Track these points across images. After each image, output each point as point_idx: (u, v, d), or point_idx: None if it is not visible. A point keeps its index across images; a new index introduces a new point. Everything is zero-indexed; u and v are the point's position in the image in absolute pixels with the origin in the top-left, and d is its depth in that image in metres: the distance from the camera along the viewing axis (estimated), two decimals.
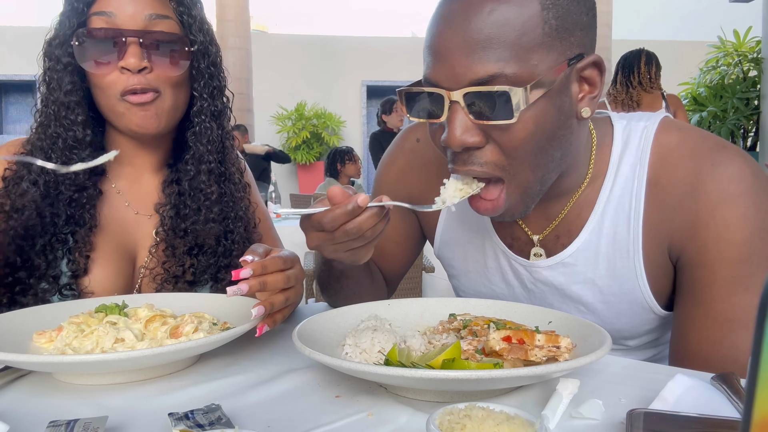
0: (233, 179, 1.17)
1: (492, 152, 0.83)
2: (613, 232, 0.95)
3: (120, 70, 1.02)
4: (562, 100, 0.82)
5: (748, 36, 8.41)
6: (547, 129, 0.82)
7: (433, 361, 0.70)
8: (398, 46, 12.23)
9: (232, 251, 1.14)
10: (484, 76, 0.78)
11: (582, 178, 0.97)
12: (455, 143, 0.81)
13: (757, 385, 0.23)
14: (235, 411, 0.69)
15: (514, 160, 0.83)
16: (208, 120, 1.12)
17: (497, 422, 0.53)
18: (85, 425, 0.59)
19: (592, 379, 0.77)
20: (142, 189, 1.17)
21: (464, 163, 0.85)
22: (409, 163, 1.16)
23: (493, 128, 0.81)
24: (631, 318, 0.98)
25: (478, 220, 1.08)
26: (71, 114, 1.05)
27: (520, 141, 0.81)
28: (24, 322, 0.91)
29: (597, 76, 0.85)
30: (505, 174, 0.85)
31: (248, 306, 0.95)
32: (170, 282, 1.11)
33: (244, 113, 8.31)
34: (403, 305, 0.97)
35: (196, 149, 1.12)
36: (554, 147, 0.85)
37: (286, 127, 11.38)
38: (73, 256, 1.05)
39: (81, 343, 0.82)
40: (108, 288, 1.08)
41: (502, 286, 1.08)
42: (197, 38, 1.09)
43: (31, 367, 0.78)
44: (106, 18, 1.02)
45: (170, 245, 1.12)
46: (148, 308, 0.92)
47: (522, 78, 0.78)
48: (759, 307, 0.23)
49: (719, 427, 0.56)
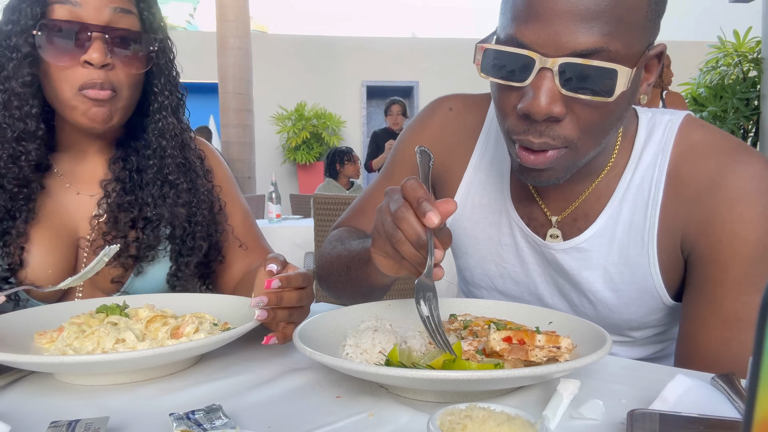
0: (195, 168, 1.19)
1: (569, 126, 0.81)
2: (630, 220, 0.95)
3: (82, 63, 1.01)
4: (636, 85, 0.83)
5: (748, 36, 8.40)
6: (624, 110, 0.83)
7: (434, 362, 0.70)
8: (398, 47, 12.23)
9: (195, 233, 1.16)
10: (589, 47, 0.75)
11: (606, 163, 0.97)
12: (541, 112, 0.78)
13: (758, 385, 0.23)
14: (236, 411, 0.69)
15: (587, 135, 0.82)
16: (169, 115, 1.14)
17: (498, 422, 0.53)
18: (86, 426, 0.59)
19: (593, 379, 0.77)
20: (86, 170, 1.16)
21: (540, 135, 0.82)
22: (441, 131, 1.14)
23: (579, 102, 0.79)
24: (639, 307, 0.98)
25: (497, 196, 1.08)
26: (25, 105, 1.03)
27: (605, 119, 0.80)
28: (25, 322, 0.91)
29: (656, 64, 0.86)
30: (569, 146, 0.83)
31: (245, 306, 0.95)
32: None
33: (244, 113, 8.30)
34: (403, 305, 0.97)
35: (159, 144, 1.13)
36: (617, 127, 0.86)
37: (286, 127, 11.37)
38: (9, 249, 1.04)
39: (82, 344, 0.82)
40: (49, 273, 1.07)
41: (516, 263, 1.07)
42: (158, 35, 1.09)
43: (32, 368, 0.78)
44: (70, 7, 1.00)
45: (112, 217, 1.12)
46: (149, 309, 0.92)
47: (621, 56, 0.76)
48: (760, 307, 0.23)
49: (719, 427, 0.56)
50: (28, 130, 1.04)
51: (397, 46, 12.27)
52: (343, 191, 5.59)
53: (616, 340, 1.04)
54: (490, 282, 1.12)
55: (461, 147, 1.12)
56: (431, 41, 12.60)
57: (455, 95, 1.18)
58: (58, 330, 0.88)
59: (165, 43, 1.13)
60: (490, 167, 1.09)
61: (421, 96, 11.97)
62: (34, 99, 1.04)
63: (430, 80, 11.81)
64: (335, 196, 3.64)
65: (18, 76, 1.02)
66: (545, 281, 1.05)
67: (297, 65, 11.85)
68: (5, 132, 1.04)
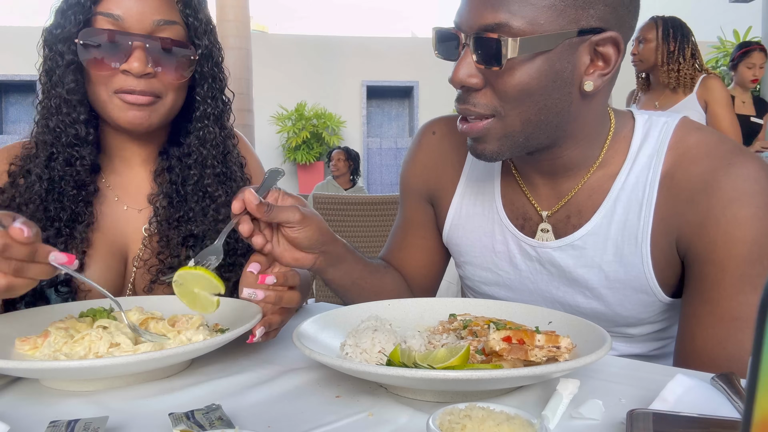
0: (235, 177, 1.17)
1: (487, 95, 0.90)
2: (624, 219, 0.96)
3: (122, 72, 1.01)
4: (562, 65, 0.87)
5: (748, 36, 8.40)
6: (539, 87, 0.87)
7: (434, 361, 0.70)
8: (398, 46, 12.23)
9: (236, 249, 1.13)
10: (491, 23, 0.84)
11: (592, 160, 0.99)
12: (456, 81, 0.90)
13: (757, 385, 0.23)
14: (236, 411, 0.69)
15: (505, 105, 0.89)
16: (211, 124, 1.13)
17: (497, 422, 0.53)
18: (85, 425, 0.59)
19: (592, 379, 0.77)
20: (132, 183, 1.16)
21: (463, 102, 0.92)
22: (429, 156, 1.20)
23: (490, 73, 0.87)
24: (635, 304, 0.99)
25: (488, 204, 1.10)
26: (73, 112, 1.04)
27: (510, 87, 0.87)
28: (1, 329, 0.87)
29: (613, 55, 0.88)
30: (496, 115, 0.90)
31: (239, 307, 0.95)
32: (166, 273, 1.10)
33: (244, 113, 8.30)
34: (403, 305, 0.97)
35: (199, 154, 1.12)
36: (548, 108, 0.89)
37: (286, 127, 11.37)
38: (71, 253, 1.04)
39: (72, 349, 0.80)
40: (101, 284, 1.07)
41: (509, 270, 1.09)
42: (202, 42, 1.09)
43: (26, 375, 0.76)
44: (113, 21, 1.01)
45: (164, 236, 1.11)
46: (139, 311, 0.91)
47: (524, 32, 0.84)
48: (759, 307, 0.23)
49: (719, 427, 0.56)
50: (79, 136, 1.05)
51: (397, 46, 12.27)
52: (341, 191, 5.59)
53: (615, 336, 1.05)
54: (486, 289, 1.15)
55: (450, 165, 1.17)
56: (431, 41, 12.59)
57: (439, 119, 1.24)
58: (43, 335, 0.85)
59: (211, 49, 1.11)
60: (483, 177, 1.13)
61: (421, 96, 11.96)
62: (81, 106, 1.05)
63: (430, 80, 11.80)
64: (335, 196, 3.64)
65: (64, 83, 1.03)
66: (538, 287, 1.07)
67: (297, 65, 11.84)
68: (60, 136, 1.05)
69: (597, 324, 1.01)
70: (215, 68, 1.13)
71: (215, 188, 1.12)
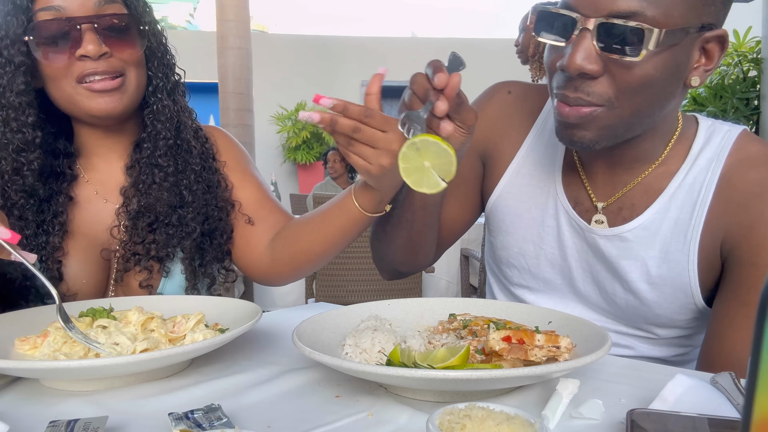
0: (189, 148, 1.17)
1: (604, 84, 0.86)
2: (676, 217, 0.97)
3: (78, 58, 1.00)
4: (681, 59, 0.86)
5: (747, 36, 8.40)
6: (660, 80, 0.85)
7: (434, 360, 0.70)
8: (398, 46, 12.23)
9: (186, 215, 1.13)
10: (625, 10, 0.81)
11: (656, 156, 1.00)
12: (573, 67, 0.84)
13: (757, 385, 0.23)
14: (235, 411, 0.69)
15: (622, 97, 0.86)
16: (164, 98, 1.13)
17: (497, 422, 0.53)
18: (85, 425, 0.59)
19: (592, 379, 0.77)
20: (112, 176, 1.16)
21: (575, 90, 0.87)
22: (499, 113, 1.17)
23: (615, 62, 0.83)
24: (672, 303, 0.99)
25: (547, 178, 1.10)
26: (21, 115, 1.03)
27: (635, 79, 0.84)
28: (2, 327, 0.88)
29: (717, 51, 0.89)
30: (607, 105, 0.87)
31: (239, 307, 0.95)
32: (133, 260, 1.09)
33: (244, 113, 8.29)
34: (403, 305, 0.97)
35: (153, 127, 1.12)
36: (657, 102, 0.89)
37: (286, 127, 11.37)
38: (47, 264, 1.05)
39: (71, 349, 0.80)
40: (84, 283, 1.08)
41: (555, 246, 1.08)
42: (144, 18, 1.09)
43: (27, 374, 0.76)
44: (54, 12, 1.00)
45: (132, 225, 1.11)
46: (138, 311, 0.90)
47: (658, 23, 0.81)
48: (759, 307, 0.23)
49: (719, 427, 0.56)
50: (26, 140, 1.04)
51: (397, 46, 12.27)
52: (339, 190, 5.59)
53: (640, 335, 1.05)
54: (524, 262, 1.13)
55: (515, 129, 1.15)
56: (431, 41, 12.59)
57: (516, 81, 1.21)
58: (42, 335, 0.85)
59: (154, 26, 1.12)
60: (544, 151, 1.11)
61: None
62: (29, 108, 1.03)
63: None
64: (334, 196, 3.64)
65: (12, 87, 1.02)
66: (581, 266, 1.07)
67: (297, 65, 11.85)
68: (6, 146, 1.04)
69: (629, 318, 1.03)
70: (162, 46, 1.14)
71: (165, 160, 1.13)
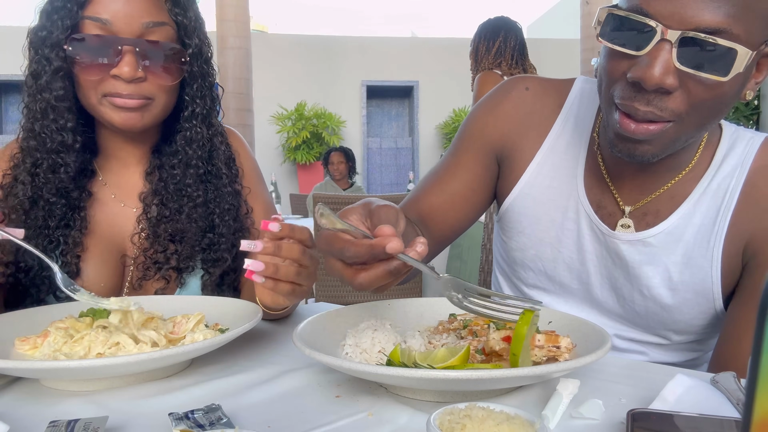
0: (220, 174, 1.17)
1: (678, 101, 0.82)
2: (701, 223, 0.97)
3: (113, 77, 1.00)
4: (748, 74, 0.83)
5: None
6: (733, 97, 0.83)
7: (434, 361, 0.70)
8: (398, 46, 12.24)
9: (220, 244, 1.13)
10: (713, 25, 0.76)
11: (686, 163, 0.99)
12: (653, 81, 0.79)
13: (757, 385, 0.23)
14: (235, 411, 0.69)
15: (693, 113, 0.83)
16: (198, 124, 1.12)
17: (497, 422, 0.53)
18: (85, 425, 0.59)
19: (592, 379, 0.77)
20: (129, 180, 1.16)
21: (647, 104, 0.82)
22: (517, 110, 1.13)
23: (693, 78, 0.79)
24: (691, 309, 0.99)
25: (568, 180, 1.07)
26: (60, 119, 1.03)
27: (712, 98, 0.81)
28: (2, 327, 0.88)
29: (766, 64, 0.87)
30: (676, 120, 0.84)
31: (239, 307, 0.95)
32: (153, 269, 1.10)
33: (244, 113, 8.31)
34: (403, 305, 0.97)
35: (185, 153, 1.12)
36: (721, 116, 0.87)
37: (286, 127, 11.38)
38: (66, 258, 1.05)
39: (72, 349, 0.80)
40: (102, 287, 1.08)
41: (573, 250, 1.06)
42: (192, 41, 1.08)
43: (26, 374, 0.76)
44: (101, 25, 0.99)
45: (152, 232, 1.11)
46: (139, 312, 0.90)
47: (741, 41, 0.77)
48: (759, 307, 0.23)
49: (719, 427, 0.56)
50: (65, 143, 1.04)
51: (397, 46, 12.28)
52: (339, 191, 5.59)
53: (654, 342, 1.05)
54: (540, 265, 1.11)
55: (535, 128, 1.11)
56: (431, 41, 12.60)
57: (533, 76, 1.16)
58: (42, 335, 0.85)
59: (200, 47, 1.10)
60: (566, 151, 1.08)
61: (421, 96, 11.97)
62: (69, 113, 1.04)
63: (430, 80, 11.81)
64: (335, 196, 3.64)
65: (51, 89, 1.02)
66: (599, 272, 1.05)
67: (297, 65, 11.85)
68: (45, 142, 1.04)
69: (646, 324, 1.03)
70: (204, 65, 1.12)
71: (195, 188, 1.12)
